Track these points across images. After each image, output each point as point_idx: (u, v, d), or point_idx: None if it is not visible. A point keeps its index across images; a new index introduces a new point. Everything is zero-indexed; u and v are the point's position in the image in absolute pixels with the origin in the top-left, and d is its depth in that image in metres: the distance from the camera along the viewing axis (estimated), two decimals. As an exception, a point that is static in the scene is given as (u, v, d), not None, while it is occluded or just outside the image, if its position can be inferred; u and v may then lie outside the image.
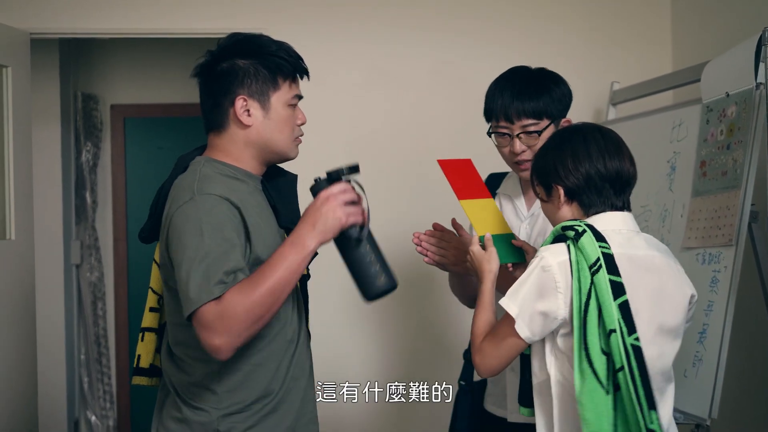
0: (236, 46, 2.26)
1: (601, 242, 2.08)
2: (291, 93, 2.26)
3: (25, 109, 4.13)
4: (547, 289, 2.10)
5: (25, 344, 4.06)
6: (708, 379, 2.80)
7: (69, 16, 4.23)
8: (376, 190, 4.21)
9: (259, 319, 2.05)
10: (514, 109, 2.59)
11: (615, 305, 2.03)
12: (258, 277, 2.05)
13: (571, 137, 2.23)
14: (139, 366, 2.44)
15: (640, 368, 2.01)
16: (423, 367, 4.27)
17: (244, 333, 2.03)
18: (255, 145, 2.24)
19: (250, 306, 2.02)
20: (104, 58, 6.14)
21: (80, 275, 6.05)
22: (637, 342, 2.03)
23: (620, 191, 2.20)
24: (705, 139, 3.07)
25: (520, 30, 4.35)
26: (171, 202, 2.16)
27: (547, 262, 2.10)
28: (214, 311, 2.00)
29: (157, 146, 6.13)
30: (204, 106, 2.28)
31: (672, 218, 3.20)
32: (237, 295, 2.02)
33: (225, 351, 2.02)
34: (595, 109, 4.30)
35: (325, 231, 2.13)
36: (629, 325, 2.04)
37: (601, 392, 2.02)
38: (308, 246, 2.10)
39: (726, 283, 2.81)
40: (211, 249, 2.04)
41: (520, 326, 2.11)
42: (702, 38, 4.07)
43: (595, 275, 2.05)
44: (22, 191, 4.08)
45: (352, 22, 4.32)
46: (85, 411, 6.02)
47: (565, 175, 2.19)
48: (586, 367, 2.03)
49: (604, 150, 2.18)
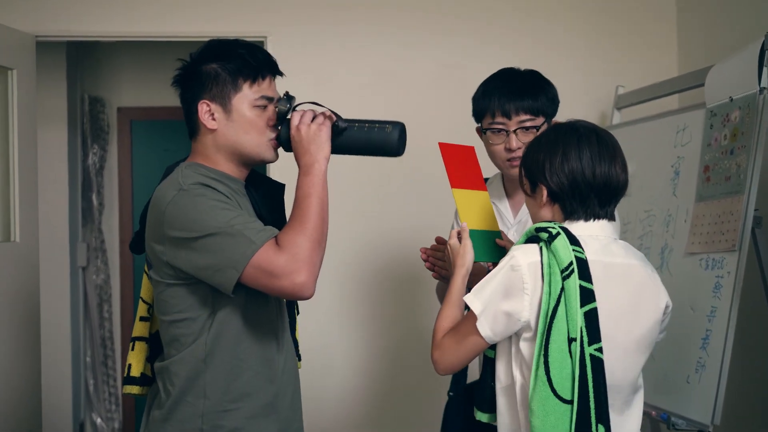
0: (205, 51, 2.28)
1: (575, 246, 2.05)
2: (255, 94, 2.25)
3: (30, 112, 4.13)
4: (514, 289, 2.06)
5: (29, 346, 4.06)
6: (711, 385, 2.79)
7: (74, 19, 4.24)
8: (380, 191, 4.27)
9: (321, 244, 2.13)
10: (513, 105, 2.62)
11: (581, 312, 1.99)
12: (296, 214, 2.14)
13: (565, 135, 2.17)
14: (130, 375, 2.45)
15: (595, 379, 1.98)
16: (415, 371, 4.27)
17: (317, 262, 2.10)
18: (224, 148, 2.26)
19: (311, 235, 2.09)
20: (111, 61, 6.15)
21: (86, 277, 6.06)
22: (599, 353, 1.99)
23: (606, 202, 2.16)
24: (709, 144, 3.05)
25: (526, 33, 4.34)
26: (158, 203, 2.18)
27: (517, 262, 2.06)
28: (282, 257, 2.05)
29: (163, 149, 6.13)
30: (184, 113, 2.31)
31: (676, 223, 3.19)
32: (292, 233, 2.09)
33: (311, 285, 2.08)
34: (600, 112, 4.28)
35: (320, 145, 2.21)
36: (592, 334, 2.00)
37: (554, 401, 1.98)
38: (318, 170, 2.19)
39: (729, 288, 2.79)
40: (228, 215, 2.09)
41: (482, 324, 2.08)
42: (708, 42, 4.06)
43: (566, 280, 2.01)
44: (27, 194, 4.08)
45: (357, 24, 4.32)
46: (91, 413, 6.03)
47: (550, 175, 2.14)
48: (542, 373, 1.99)
49: (596, 155, 2.13)
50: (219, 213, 2.09)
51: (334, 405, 4.15)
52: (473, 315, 2.09)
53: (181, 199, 2.12)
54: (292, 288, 2.06)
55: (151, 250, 2.22)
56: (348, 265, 4.22)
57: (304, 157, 2.21)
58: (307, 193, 2.15)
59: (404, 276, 4.27)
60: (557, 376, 1.98)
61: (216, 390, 2.18)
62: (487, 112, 2.68)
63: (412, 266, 4.21)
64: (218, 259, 2.07)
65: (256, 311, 2.23)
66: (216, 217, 2.08)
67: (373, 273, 4.26)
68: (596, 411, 1.97)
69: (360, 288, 4.26)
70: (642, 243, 3.39)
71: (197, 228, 2.09)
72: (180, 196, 2.13)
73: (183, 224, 2.10)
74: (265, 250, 2.05)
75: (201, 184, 2.15)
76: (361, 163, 4.29)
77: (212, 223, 2.07)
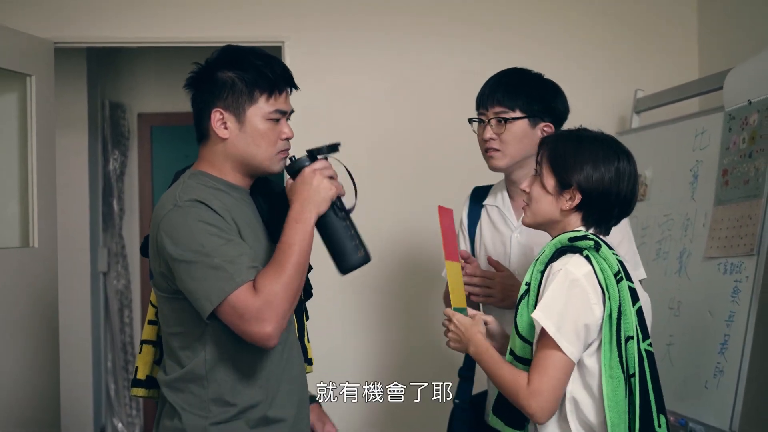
0: (221, 58, 2.25)
1: (614, 251, 2.09)
2: (270, 107, 2.22)
3: (48, 118, 4.16)
4: (583, 301, 2.04)
5: (47, 351, 4.08)
6: (729, 391, 2.77)
7: (93, 25, 4.26)
8: (399, 198, 4.26)
9: (295, 297, 2.11)
10: (490, 97, 2.65)
11: (633, 311, 2.03)
12: (279, 259, 2.10)
13: (603, 145, 2.16)
14: (136, 378, 2.45)
15: (652, 373, 2.02)
16: (423, 367, 4.24)
17: (287, 314, 2.09)
18: (233, 158, 2.24)
19: (288, 284, 2.07)
20: (131, 68, 6.19)
21: (107, 283, 6.09)
22: (650, 347, 2.04)
23: (618, 218, 2.19)
24: (727, 148, 3.03)
25: (544, 39, 4.32)
26: (156, 214, 2.18)
27: (574, 276, 2.05)
28: (257, 302, 2.03)
29: (183, 154, 6.09)
30: (194, 117, 2.29)
31: (694, 227, 3.17)
32: (269, 280, 2.06)
33: (276, 337, 2.07)
34: (620, 116, 4.26)
35: (319, 203, 2.17)
36: (644, 330, 2.05)
37: (624, 397, 2.02)
38: (309, 220, 2.15)
39: (747, 293, 2.77)
40: (215, 243, 2.07)
41: (563, 344, 2.03)
42: (728, 45, 4.03)
43: (620, 283, 2.04)
44: (46, 199, 4.10)
45: (374, 30, 4.31)
46: (112, 418, 6.05)
47: (586, 178, 2.11)
48: (618, 373, 2.02)
49: (629, 173, 2.14)
50: (206, 239, 2.07)
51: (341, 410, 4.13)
52: (551, 341, 2.04)
53: (174, 216, 2.11)
54: (259, 336, 2.05)
55: (151, 258, 2.22)
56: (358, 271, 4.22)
57: (301, 203, 2.16)
58: (293, 242, 2.11)
59: (414, 281, 4.25)
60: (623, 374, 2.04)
61: (219, 401, 2.17)
62: (476, 105, 2.72)
63: (424, 273, 4.21)
64: (196, 287, 2.07)
65: None
66: (203, 242, 2.06)
67: (383, 278, 4.25)
68: (656, 402, 2.02)
69: (368, 293, 4.27)
70: (660, 247, 3.37)
71: (182, 250, 2.07)
72: (173, 212, 2.12)
73: (173, 242, 2.09)
74: (243, 291, 2.04)
75: (197, 201, 2.12)
76: (393, 169, 4.30)
77: (197, 249, 2.06)
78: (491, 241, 2.78)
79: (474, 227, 2.86)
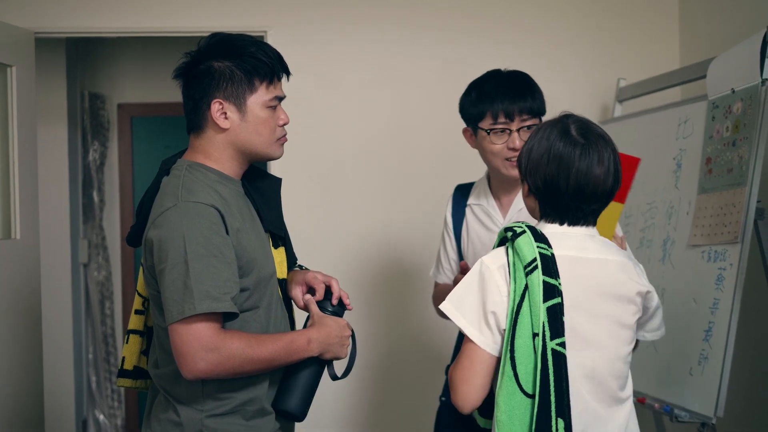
0: (214, 47, 2.23)
1: (540, 243, 2.02)
2: (269, 95, 2.22)
3: (29, 108, 4.12)
4: (491, 291, 2.03)
5: (30, 343, 4.06)
6: (714, 378, 2.79)
7: (73, 14, 4.23)
8: (382, 189, 4.26)
9: (240, 374, 2.11)
10: (516, 107, 2.66)
11: (543, 308, 1.97)
12: (266, 341, 2.12)
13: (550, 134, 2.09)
14: (123, 368, 2.43)
15: (556, 373, 1.95)
16: (407, 375, 4.28)
17: (221, 374, 2.07)
18: (234, 147, 2.23)
19: (247, 361, 2.07)
20: (111, 58, 6.14)
21: (88, 274, 6.06)
22: (561, 348, 1.97)
23: (583, 208, 2.08)
24: (711, 136, 3.05)
25: (527, 27, 4.33)
26: (155, 208, 2.16)
27: (487, 267, 2.05)
28: (214, 340, 2.03)
29: (164, 145, 6.11)
30: (185, 107, 2.27)
31: (678, 215, 3.19)
32: (242, 343, 2.07)
33: (196, 376, 2.06)
34: (602, 105, 4.28)
35: (329, 352, 2.23)
36: (555, 329, 1.97)
37: (520, 395, 1.97)
38: (312, 350, 2.19)
39: (732, 280, 2.79)
40: (200, 261, 2.04)
41: (473, 334, 2.03)
42: (710, 34, 4.05)
43: (529, 275, 1.98)
44: (27, 191, 4.07)
45: (359, 19, 4.31)
46: (94, 410, 6.03)
47: (529, 175, 2.10)
48: (509, 369, 1.97)
49: (578, 158, 2.04)
50: (193, 249, 2.04)
51: (327, 407, 4.13)
52: (466, 336, 2.05)
53: (170, 215, 2.09)
54: (189, 368, 2.04)
55: (143, 250, 2.20)
56: (344, 267, 4.23)
57: (319, 335, 2.21)
58: (288, 350, 2.14)
59: (397, 279, 4.26)
60: (523, 372, 1.97)
61: (212, 395, 2.16)
62: (486, 113, 2.70)
63: (407, 270, 4.21)
64: (165, 294, 2.06)
65: (243, 317, 2.18)
66: (188, 253, 2.04)
67: (366, 275, 4.25)
68: (556, 405, 1.95)
69: (353, 290, 4.26)
70: (644, 235, 3.39)
71: (164, 253, 2.07)
72: (171, 212, 2.10)
73: (159, 241, 2.08)
74: (209, 324, 2.04)
75: (199, 203, 2.10)
76: (377, 159, 4.30)
77: (179, 259, 2.04)
78: (479, 240, 2.80)
79: (459, 227, 2.88)
